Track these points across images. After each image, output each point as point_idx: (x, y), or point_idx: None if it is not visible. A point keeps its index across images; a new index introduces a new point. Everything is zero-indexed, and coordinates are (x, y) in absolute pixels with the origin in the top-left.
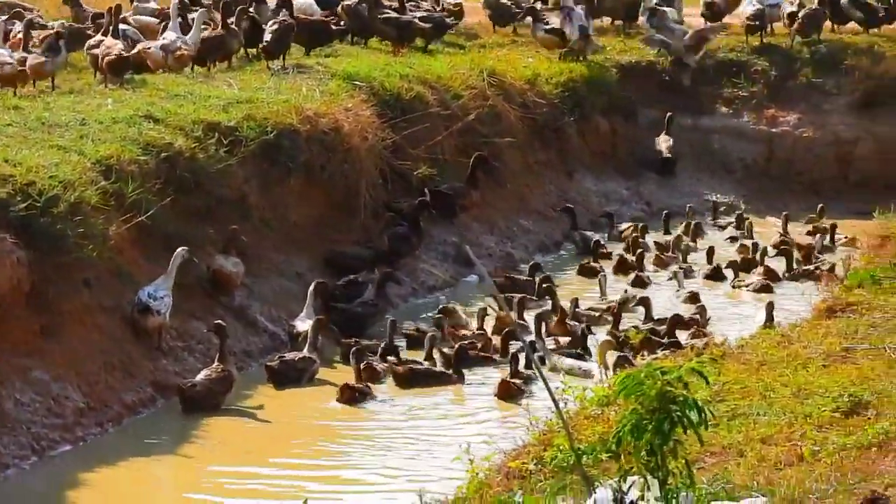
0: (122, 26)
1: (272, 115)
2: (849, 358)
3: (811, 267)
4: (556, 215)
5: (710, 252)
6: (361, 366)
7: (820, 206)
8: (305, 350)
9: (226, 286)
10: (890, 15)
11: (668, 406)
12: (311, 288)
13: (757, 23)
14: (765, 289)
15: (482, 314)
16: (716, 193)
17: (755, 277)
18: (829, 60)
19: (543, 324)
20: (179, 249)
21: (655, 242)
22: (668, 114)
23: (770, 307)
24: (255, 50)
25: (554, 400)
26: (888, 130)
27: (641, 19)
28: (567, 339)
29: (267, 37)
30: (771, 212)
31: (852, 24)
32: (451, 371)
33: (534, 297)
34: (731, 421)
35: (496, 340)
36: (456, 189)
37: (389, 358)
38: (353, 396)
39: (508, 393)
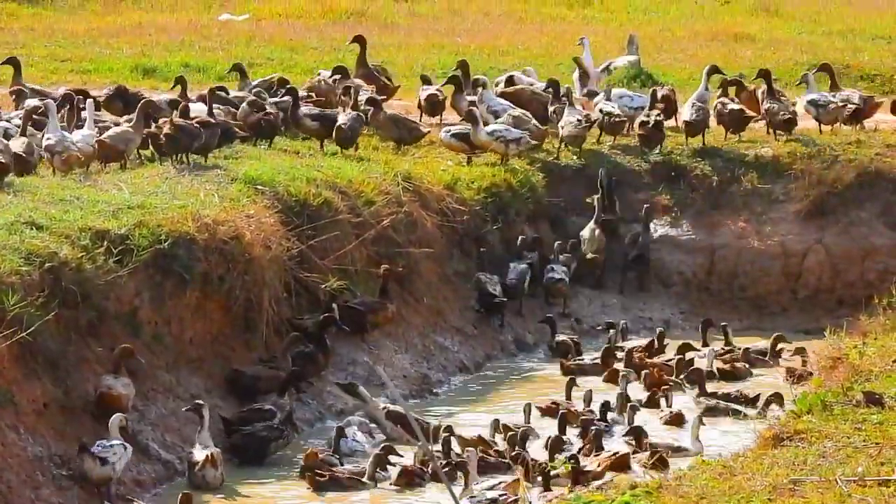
0: (2, 124)
1: (166, 221)
2: (797, 491)
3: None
4: (476, 332)
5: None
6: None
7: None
8: None
9: (115, 409)
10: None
11: None
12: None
13: (698, 124)
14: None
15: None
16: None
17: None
18: (775, 165)
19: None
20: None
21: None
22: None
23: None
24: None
25: None
26: (840, 241)
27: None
28: None
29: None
30: (710, 329)
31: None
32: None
33: None
34: None
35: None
36: (368, 304)
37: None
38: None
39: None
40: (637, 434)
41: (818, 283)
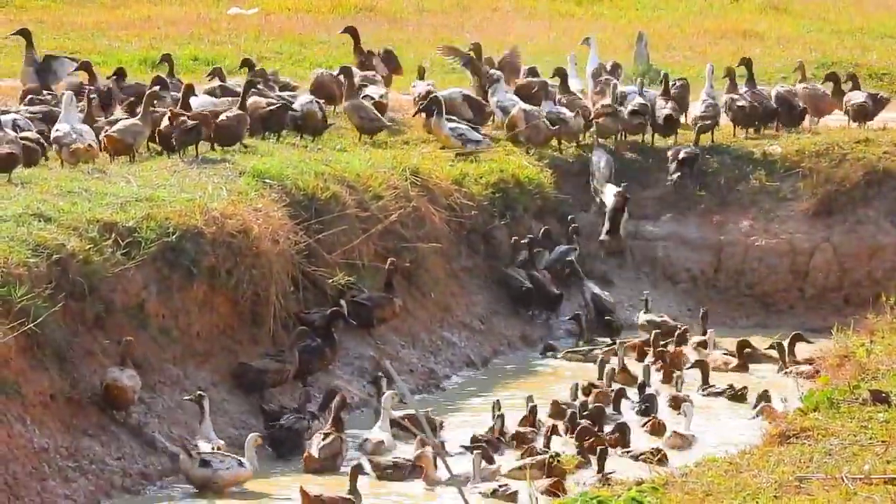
0: (10, 115)
1: (174, 215)
2: (803, 488)
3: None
4: (483, 327)
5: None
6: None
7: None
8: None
9: (120, 401)
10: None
11: None
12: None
13: (708, 121)
14: None
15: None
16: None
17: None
18: (783, 163)
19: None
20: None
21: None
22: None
23: None
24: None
25: None
26: (848, 240)
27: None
28: None
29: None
30: (718, 327)
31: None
32: None
33: None
34: None
35: None
36: (375, 299)
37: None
38: None
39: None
40: (622, 430)
41: (825, 281)
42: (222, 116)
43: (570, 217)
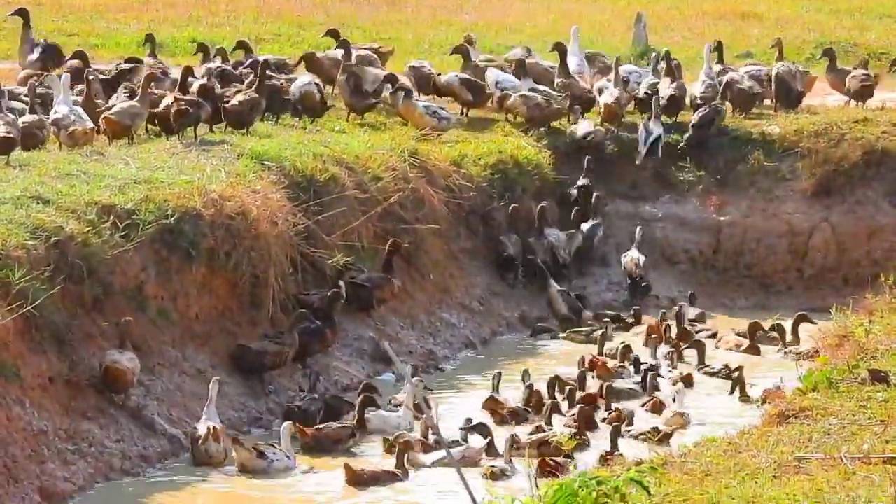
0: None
1: (173, 197)
2: (802, 468)
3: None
4: (482, 309)
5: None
6: None
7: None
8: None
9: (120, 383)
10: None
11: None
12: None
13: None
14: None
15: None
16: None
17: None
18: (782, 143)
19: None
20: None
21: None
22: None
23: None
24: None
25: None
26: (846, 220)
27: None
28: None
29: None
30: (717, 308)
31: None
32: None
33: None
34: None
35: None
36: (374, 280)
37: None
38: None
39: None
40: (619, 412)
41: (824, 261)
42: (236, 99)
43: (596, 195)
